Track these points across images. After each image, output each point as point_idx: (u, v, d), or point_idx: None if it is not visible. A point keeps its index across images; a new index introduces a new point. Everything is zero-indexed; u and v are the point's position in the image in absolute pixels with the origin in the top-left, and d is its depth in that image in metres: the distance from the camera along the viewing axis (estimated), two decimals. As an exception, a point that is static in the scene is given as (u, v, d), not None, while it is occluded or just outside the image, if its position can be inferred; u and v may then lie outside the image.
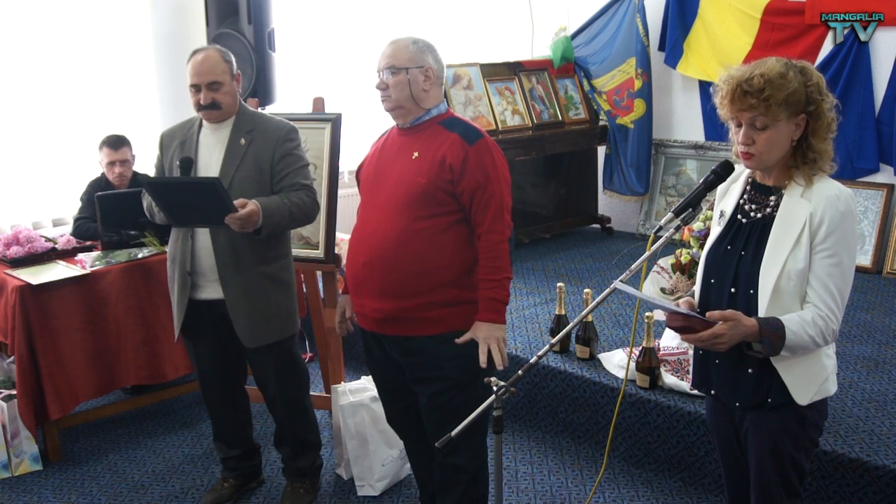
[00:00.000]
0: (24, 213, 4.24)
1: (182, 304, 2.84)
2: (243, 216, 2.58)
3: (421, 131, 2.43)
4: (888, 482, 2.64)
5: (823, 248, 1.85)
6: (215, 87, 2.72)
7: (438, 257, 2.37)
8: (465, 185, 2.34)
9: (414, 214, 2.36)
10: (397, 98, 2.38)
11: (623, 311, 4.24)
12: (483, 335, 2.37)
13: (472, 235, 2.41)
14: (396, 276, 2.38)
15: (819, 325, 1.84)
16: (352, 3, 5.37)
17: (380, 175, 2.48)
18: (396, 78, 2.37)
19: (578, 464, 3.33)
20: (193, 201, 2.62)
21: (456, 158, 2.34)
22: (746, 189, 2.02)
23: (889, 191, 4.86)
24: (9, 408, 3.31)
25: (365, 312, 2.49)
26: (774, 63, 1.86)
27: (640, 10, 5.51)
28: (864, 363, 3.49)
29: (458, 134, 2.38)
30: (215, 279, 2.78)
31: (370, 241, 2.42)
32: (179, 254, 2.83)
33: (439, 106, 2.46)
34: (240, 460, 3.13)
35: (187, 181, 2.67)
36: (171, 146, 2.87)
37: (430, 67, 2.40)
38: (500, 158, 2.43)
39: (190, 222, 2.75)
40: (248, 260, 2.77)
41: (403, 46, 2.39)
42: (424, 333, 2.41)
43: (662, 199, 5.88)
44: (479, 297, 2.38)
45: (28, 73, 4.18)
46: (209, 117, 2.79)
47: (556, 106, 5.70)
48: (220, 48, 2.82)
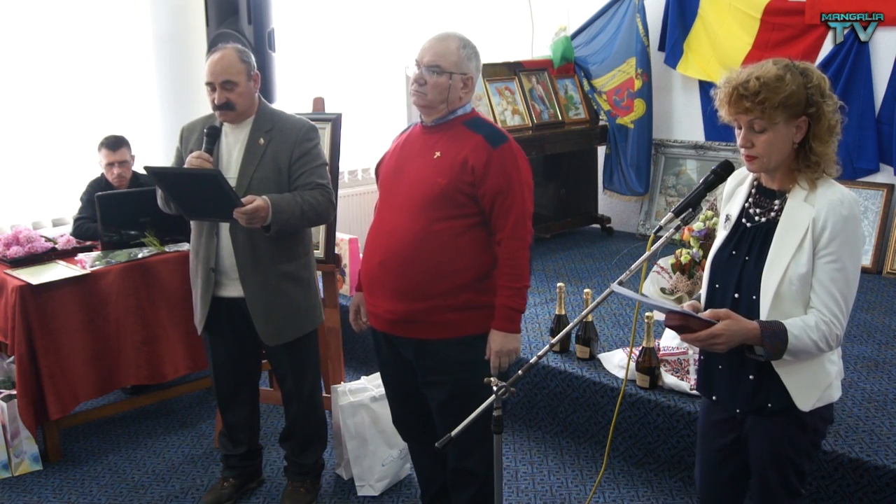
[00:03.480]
0: (24, 213, 4.24)
1: (206, 301, 2.85)
2: (249, 210, 2.57)
3: (444, 130, 2.39)
4: (888, 482, 2.64)
5: (827, 253, 1.84)
6: (229, 87, 2.71)
7: (455, 260, 2.33)
8: (486, 188, 2.30)
9: (432, 216, 2.32)
10: (432, 98, 2.34)
11: (623, 311, 4.24)
12: (496, 347, 2.34)
13: (491, 239, 2.38)
14: (411, 278, 2.35)
15: (822, 330, 1.83)
16: (352, 3, 5.37)
17: (400, 173, 2.44)
18: (438, 79, 2.32)
19: (578, 464, 3.33)
20: (200, 193, 2.62)
21: (478, 161, 2.29)
22: (751, 193, 2.01)
23: (889, 191, 4.86)
24: (9, 408, 3.30)
25: (378, 312, 2.46)
26: (772, 66, 1.84)
27: (640, 10, 5.51)
28: (864, 363, 3.49)
29: (482, 136, 2.33)
30: (236, 277, 2.79)
31: (387, 240, 2.39)
32: (203, 250, 2.83)
33: (465, 106, 2.41)
34: (242, 459, 3.14)
35: (189, 172, 2.66)
36: (191, 140, 2.87)
37: (471, 76, 2.37)
38: (525, 163, 2.37)
39: (201, 214, 2.75)
40: (268, 258, 2.77)
41: (453, 49, 2.34)
42: (437, 337, 2.38)
43: (662, 199, 5.88)
44: (496, 305, 2.35)
45: (28, 73, 4.18)
46: (225, 118, 2.78)
47: (556, 106, 5.70)
48: (239, 48, 2.80)
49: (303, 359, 2.97)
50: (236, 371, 3.02)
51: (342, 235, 4.25)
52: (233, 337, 2.94)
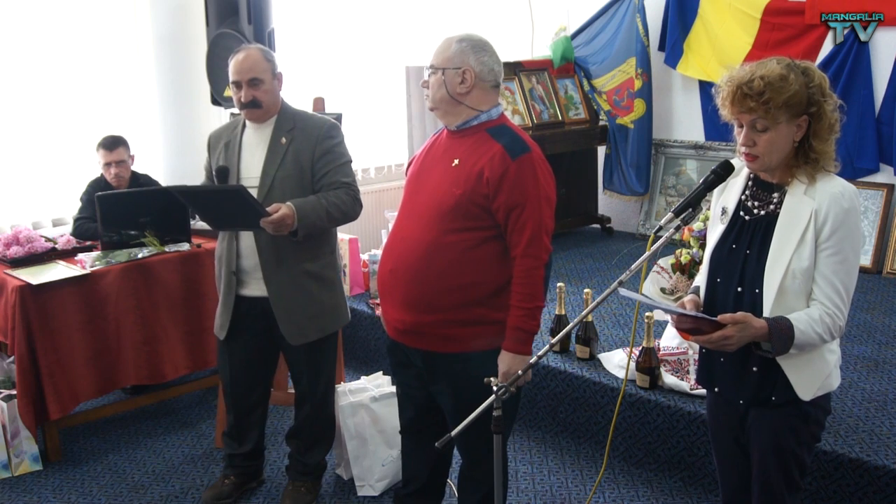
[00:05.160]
0: (24, 213, 4.24)
1: (228, 304, 2.86)
2: (276, 220, 2.59)
3: (467, 136, 2.31)
4: (888, 482, 2.64)
5: (828, 246, 1.85)
6: (256, 84, 2.73)
7: (466, 274, 2.25)
8: (500, 202, 2.21)
9: (445, 227, 2.25)
10: (433, 98, 2.32)
11: (623, 311, 4.24)
12: (504, 368, 2.25)
13: (507, 253, 2.28)
14: (420, 290, 2.29)
15: (826, 323, 1.85)
16: (352, 3, 5.37)
17: (421, 178, 2.38)
18: (434, 77, 2.30)
19: (578, 464, 3.33)
20: (226, 207, 2.65)
21: (494, 173, 2.20)
22: (748, 185, 2.02)
23: (889, 191, 4.86)
24: (9, 408, 3.30)
25: (388, 320, 2.44)
26: (775, 65, 1.85)
27: (640, 10, 5.51)
28: (864, 363, 3.49)
29: (502, 145, 2.23)
30: (259, 277, 2.79)
31: (399, 248, 2.35)
32: (225, 253, 2.85)
33: (490, 111, 2.32)
34: (246, 458, 3.14)
35: (213, 189, 2.71)
36: (217, 147, 2.89)
37: (468, 69, 2.26)
38: (545, 176, 2.27)
39: (229, 226, 2.78)
40: (292, 258, 2.78)
41: (446, 45, 2.31)
42: (445, 350, 2.33)
43: (662, 199, 5.88)
44: (507, 325, 2.27)
45: (28, 73, 4.17)
46: (251, 116, 2.79)
47: (556, 106, 5.70)
48: (262, 48, 2.83)
49: (320, 359, 2.96)
50: (253, 371, 3.02)
51: (342, 235, 4.25)
52: (252, 338, 2.93)
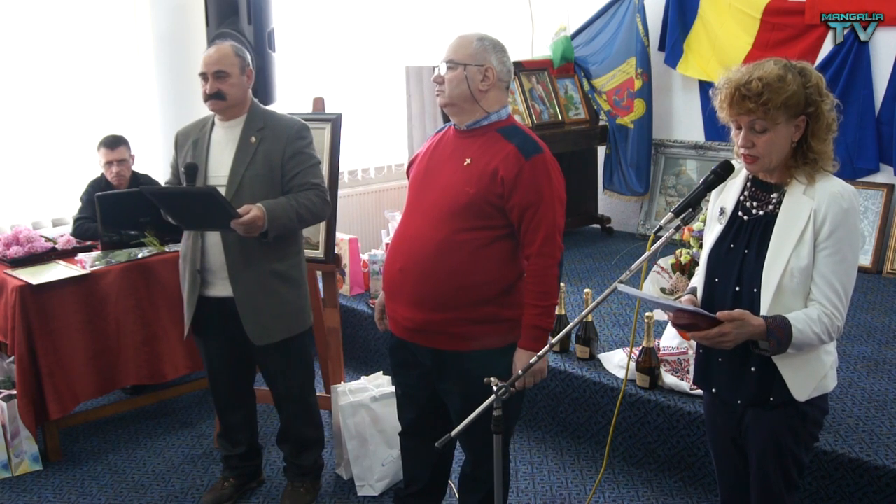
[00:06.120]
0: (24, 213, 4.24)
1: (192, 302, 2.85)
2: (246, 221, 2.58)
3: (477, 136, 2.32)
4: (888, 482, 2.64)
5: (827, 246, 1.85)
6: (221, 77, 2.72)
7: (477, 272, 2.26)
8: (515, 201, 2.22)
9: (456, 225, 2.26)
10: (451, 94, 2.29)
11: (623, 311, 4.24)
12: (521, 366, 2.23)
13: (517, 251, 2.31)
14: (430, 288, 2.29)
15: (825, 323, 1.85)
16: (352, 3, 5.37)
17: (429, 176, 2.38)
18: (453, 73, 2.28)
19: (578, 464, 3.33)
20: (197, 208, 2.64)
21: (509, 172, 2.21)
22: (747, 185, 2.02)
23: (889, 191, 4.86)
24: (9, 408, 3.31)
25: (396, 318, 2.42)
26: (773, 66, 1.85)
27: (640, 10, 5.51)
28: (864, 363, 3.49)
29: (515, 145, 2.25)
30: (225, 277, 2.78)
31: (408, 246, 2.34)
32: (190, 252, 2.83)
33: (500, 111, 2.33)
34: (242, 459, 3.13)
35: (185, 191, 2.69)
36: (185, 145, 2.87)
37: (490, 67, 2.28)
38: (558, 177, 2.29)
39: (199, 226, 2.77)
40: (259, 257, 2.76)
41: (467, 42, 2.30)
42: (455, 349, 2.33)
43: (662, 199, 5.88)
44: (523, 323, 2.29)
45: (28, 73, 4.18)
46: (215, 108, 2.78)
47: (556, 106, 5.70)
48: (235, 44, 2.83)
49: (292, 360, 2.95)
50: (230, 372, 3.01)
51: (342, 235, 4.26)
52: (224, 338, 2.92)
